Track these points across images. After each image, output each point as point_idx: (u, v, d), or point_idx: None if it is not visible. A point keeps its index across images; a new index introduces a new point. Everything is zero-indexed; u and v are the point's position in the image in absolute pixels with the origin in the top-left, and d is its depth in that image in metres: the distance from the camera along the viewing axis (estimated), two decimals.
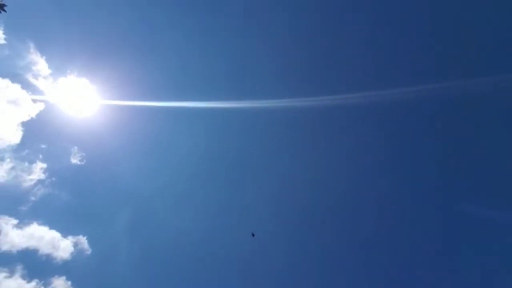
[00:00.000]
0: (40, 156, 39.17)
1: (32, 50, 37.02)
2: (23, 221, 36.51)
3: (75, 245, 37.41)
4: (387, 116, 47.15)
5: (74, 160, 39.97)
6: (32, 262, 36.92)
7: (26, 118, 35.49)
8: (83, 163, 39.94)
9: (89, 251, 38.58)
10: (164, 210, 43.06)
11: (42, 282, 36.12)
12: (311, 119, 46.24)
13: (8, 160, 36.95)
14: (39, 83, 37.63)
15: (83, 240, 37.97)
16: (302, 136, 47.39)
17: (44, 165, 38.06)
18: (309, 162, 44.89)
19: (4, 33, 33.87)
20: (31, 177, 37.75)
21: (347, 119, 46.11)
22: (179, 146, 44.74)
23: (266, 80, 48.02)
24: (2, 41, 33.79)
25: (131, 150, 44.55)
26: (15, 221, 36.08)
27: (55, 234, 37.67)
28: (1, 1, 6.77)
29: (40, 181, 38.20)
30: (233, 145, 46.51)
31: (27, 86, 37.94)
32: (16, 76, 38.18)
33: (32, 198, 38.43)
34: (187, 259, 41.59)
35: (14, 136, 36.39)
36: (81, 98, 38.35)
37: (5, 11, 6.79)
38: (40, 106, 36.48)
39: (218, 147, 46.02)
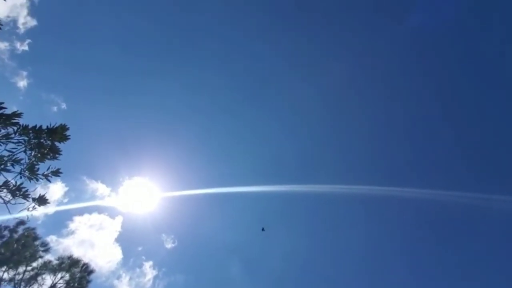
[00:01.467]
0: (143, 257, 45.08)
1: (87, 181, 43.28)
2: None
3: None
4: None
5: (169, 245, 45.02)
6: None
7: (116, 234, 41.22)
8: (176, 244, 44.96)
9: None
10: (258, 260, 47.09)
11: None
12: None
13: (124, 274, 42.25)
14: (108, 202, 43.56)
15: None
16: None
17: (151, 262, 43.42)
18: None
19: (62, 181, 39.90)
20: (147, 277, 42.60)
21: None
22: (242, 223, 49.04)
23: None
24: (65, 188, 40.63)
25: (205, 225, 49.72)
26: None
27: None
28: (55, 168, 7.81)
29: (155, 277, 43.02)
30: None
31: (101, 209, 44.04)
32: (89, 208, 44.62)
33: None
34: None
35: (117, 253, 42.16)
36: (144, 195, 44.27)
37: (61, 172, 7.80)
38: (119, 219, 42.06)
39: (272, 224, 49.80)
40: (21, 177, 7.41)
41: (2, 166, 7.23)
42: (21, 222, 23.85)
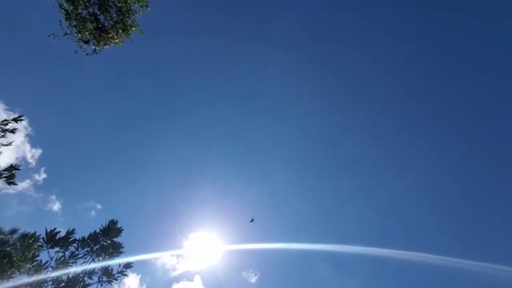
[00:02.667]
0: None
1: (153, 260, 45.02)
2: None
3: None
4: None
5: (253, 279, 46.28)
6: None
7: None
8: (259, 275, 46.33)
9: None
10: None
11: None
12: None
13: None
14: (180, 268, 45.70)
15: None
16: None
17: None
18: None
19: (132, 271, 43.15)
20: None
21: None
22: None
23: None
24: (137, 276, 42.51)
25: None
26: None
27: None
28: (125, 262, 8.15)
29: None
30: None
31: (178, 278, 46.52)
32: (167, 282, 46.34)
33: None
34: None
35: None
36: (207, 247, 45.76)
37: (132, 264, 8.11)
38: (198, 278, 44.48)
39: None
40: (101, 284, 7.66)
41: (82, 284, 7.52)
42: None
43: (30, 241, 7.46)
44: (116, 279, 7.69)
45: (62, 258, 7.07)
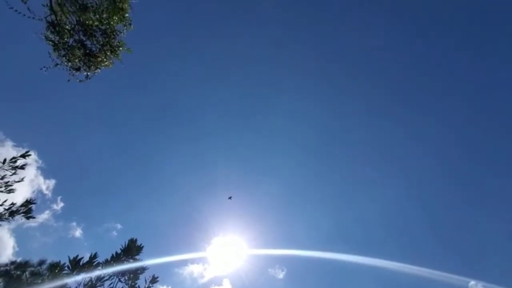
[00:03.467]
0: None
1: (180, 271, 46.08)
2: None
3: None
4: None
5: (281, 275, 47.45)
6: None
7: None
8: (286, 270, 47.65)
9: None
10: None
11: None
12: None
13: None
14: (207, 275, 46.47)
15: None
16: None
17: None
18: None
19: (161, 284, 44.72)
20: None
21: None
22: None
23: None
24: None
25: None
26: None
27: None
28: (150, 277, 8.39)
29: None
30: None
31: (207, 285, 47.83)
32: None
33: None
34: None
35: None
36: (230, 250, 46.35)
37: (157, 278, 8.31)
38: (226, 281, 45.64)
39: None
40: None
41: None
42: None
43: (57, 271, 7.75)
44: None
45: (90, 283, 7.35)
